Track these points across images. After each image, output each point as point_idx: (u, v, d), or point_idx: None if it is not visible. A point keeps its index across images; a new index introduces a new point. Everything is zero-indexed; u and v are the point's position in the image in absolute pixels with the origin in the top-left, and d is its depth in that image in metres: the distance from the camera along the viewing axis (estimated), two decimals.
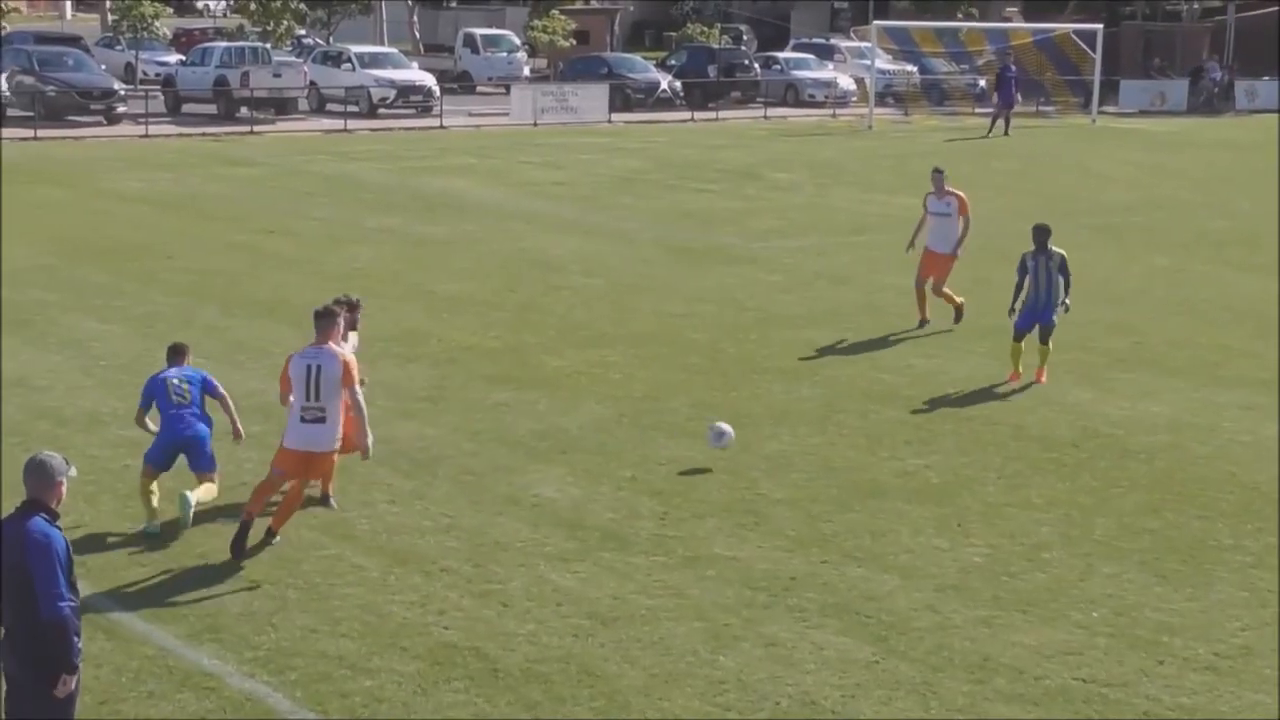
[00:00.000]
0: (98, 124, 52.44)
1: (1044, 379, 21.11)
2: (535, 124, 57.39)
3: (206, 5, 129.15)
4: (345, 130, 54.05)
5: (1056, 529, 15.67)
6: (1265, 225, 35.39)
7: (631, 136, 54.39)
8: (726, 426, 17.74)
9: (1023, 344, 21.16)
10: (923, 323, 24.40)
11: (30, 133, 48.36)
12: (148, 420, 15.58)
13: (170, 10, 73.15)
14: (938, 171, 24.90)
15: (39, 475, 9.56)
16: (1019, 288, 21.38)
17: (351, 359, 14.73)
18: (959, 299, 24.54)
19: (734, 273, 28.79)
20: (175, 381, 15.41)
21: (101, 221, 32.83)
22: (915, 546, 15.09)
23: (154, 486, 15.10)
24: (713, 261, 29.84)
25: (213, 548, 14.57)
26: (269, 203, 36.27)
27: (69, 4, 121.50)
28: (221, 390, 15.71)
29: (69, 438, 17.65)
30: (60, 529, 9.50)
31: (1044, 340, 21.12)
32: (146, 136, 50.14)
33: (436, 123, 56.92)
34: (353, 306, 16.36)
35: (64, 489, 9.62)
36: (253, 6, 69.43)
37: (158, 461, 15.25)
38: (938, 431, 18.95)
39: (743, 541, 15.12)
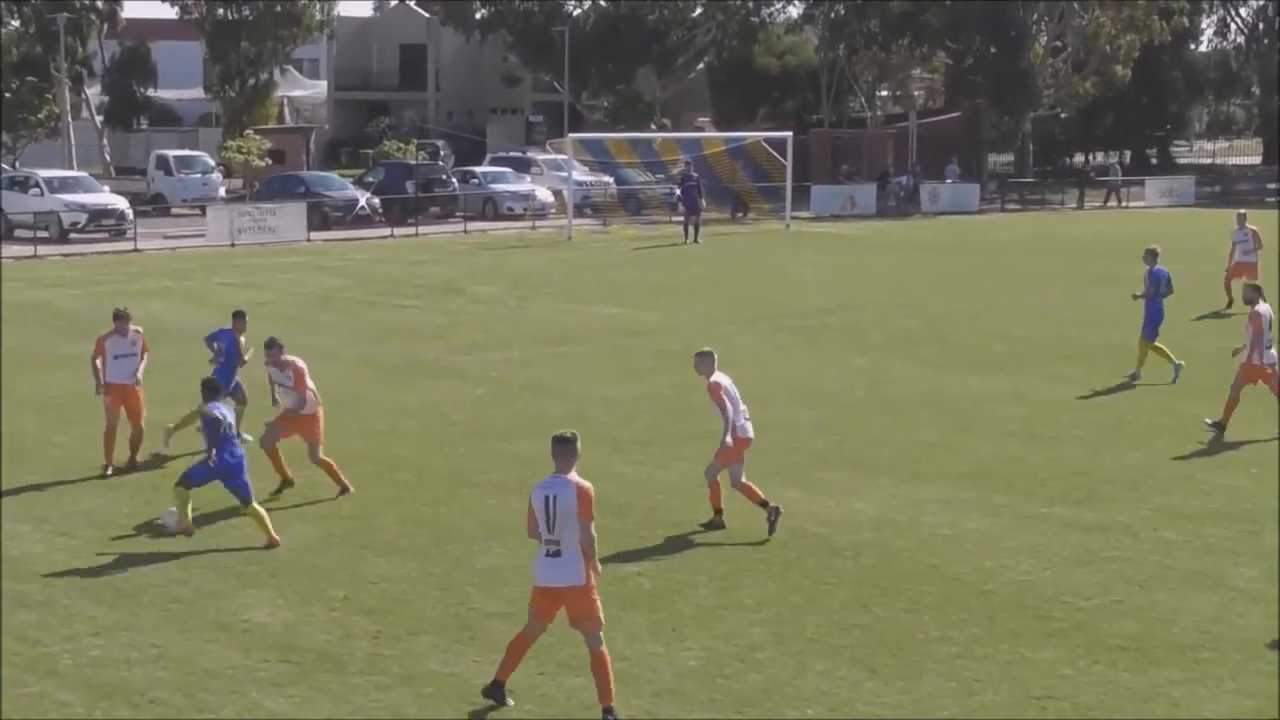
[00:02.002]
0: None
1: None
2: (233, 245, 56.80)
3: None
4: (35, 256, 52.89)
5: (769, 629, 15.85)
6: (955, 324, 36.43)
7: (331, 254, 54.11)
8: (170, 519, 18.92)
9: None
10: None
11: None
12: None
13: None
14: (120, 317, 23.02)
15: None
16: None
17: (590, 490, 13.60)
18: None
19: (439, 387, 28.74)
20: None
21: None
22: (631, 653, 15.12)
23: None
24: (417, 376, 29.75)
25: None
26: None
27: None
28: None
29: None
30: None
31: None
32: None
33: (131, 246, 56.05)
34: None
35: None
36: None
37: None
38: (649, 538, 19.06)
39: (459, 657, 15.03)
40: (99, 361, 22.50)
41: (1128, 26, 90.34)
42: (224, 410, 19.13)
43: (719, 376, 19.49)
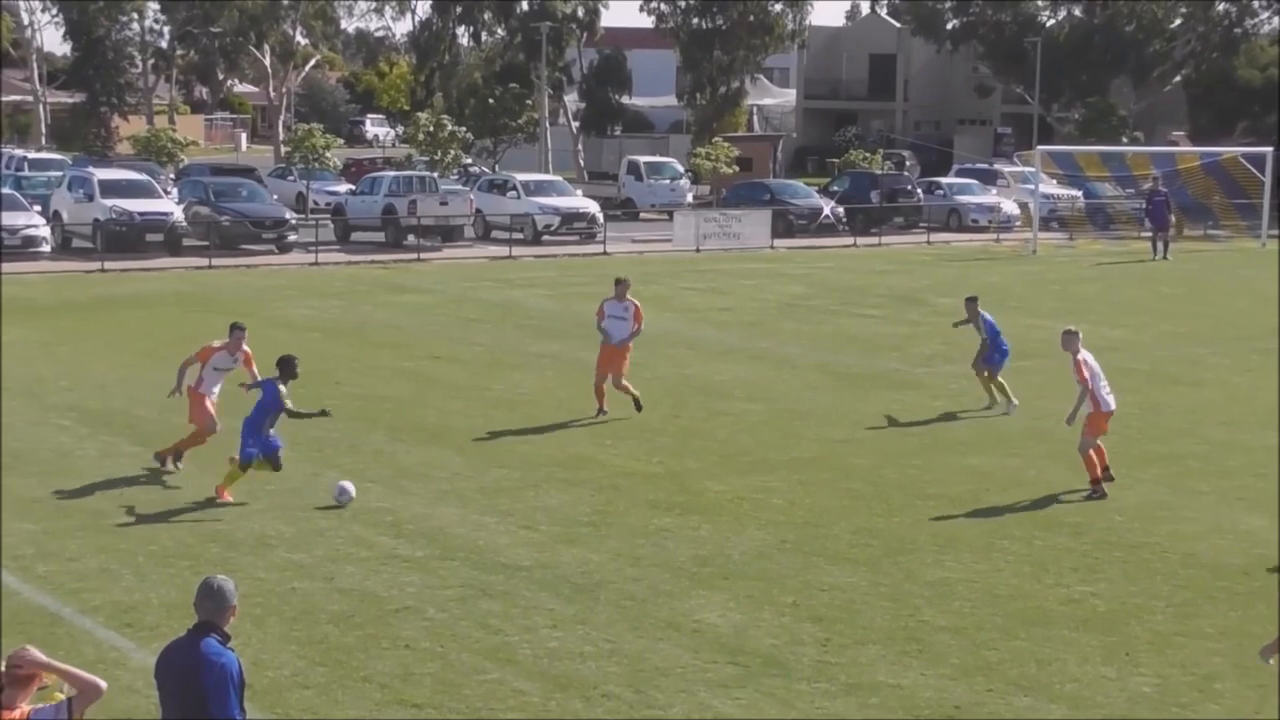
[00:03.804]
0: (269, 252, 53.44)
1: None
2: (698, 250, 57.67)
3: (375, 136, 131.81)
4: (510, 257, 54.63)
5: (1229, 658, 15.37)
6: None
7: (794, 262, 54.49)
8: (348, 486, 20.47)
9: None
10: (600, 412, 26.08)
11: (205, 261, 49.42)
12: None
13: (340, 142, 74.60)
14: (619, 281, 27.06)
15: (214, 599, 9.70)
16: None
17: None
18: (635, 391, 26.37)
19: (897, 398, 28.68)
20: None
21: (271, 348, 33.27)
22: (1082, 676, 14.86)
23: None
24: (876, 386, 29.75)
25: (376, 670, 14.68)
26: (435, 329, 36.73)
27: (244, 136, 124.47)
28: None
29: (237, 560, 17.92)
30: (233, 650, 9.64)
31: None
32: (316, 265, 50.99)
33: (600, 249, 57.38)
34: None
35: (236, 612, 9.77)
36: (420, 137, 70.61)
37: None
38: (1105, 559, 18.70)
39: (906, 669, 14.98)
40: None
41: None
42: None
43: (1085, 354, 21.53)
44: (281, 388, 20.77)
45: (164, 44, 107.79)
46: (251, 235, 54.15)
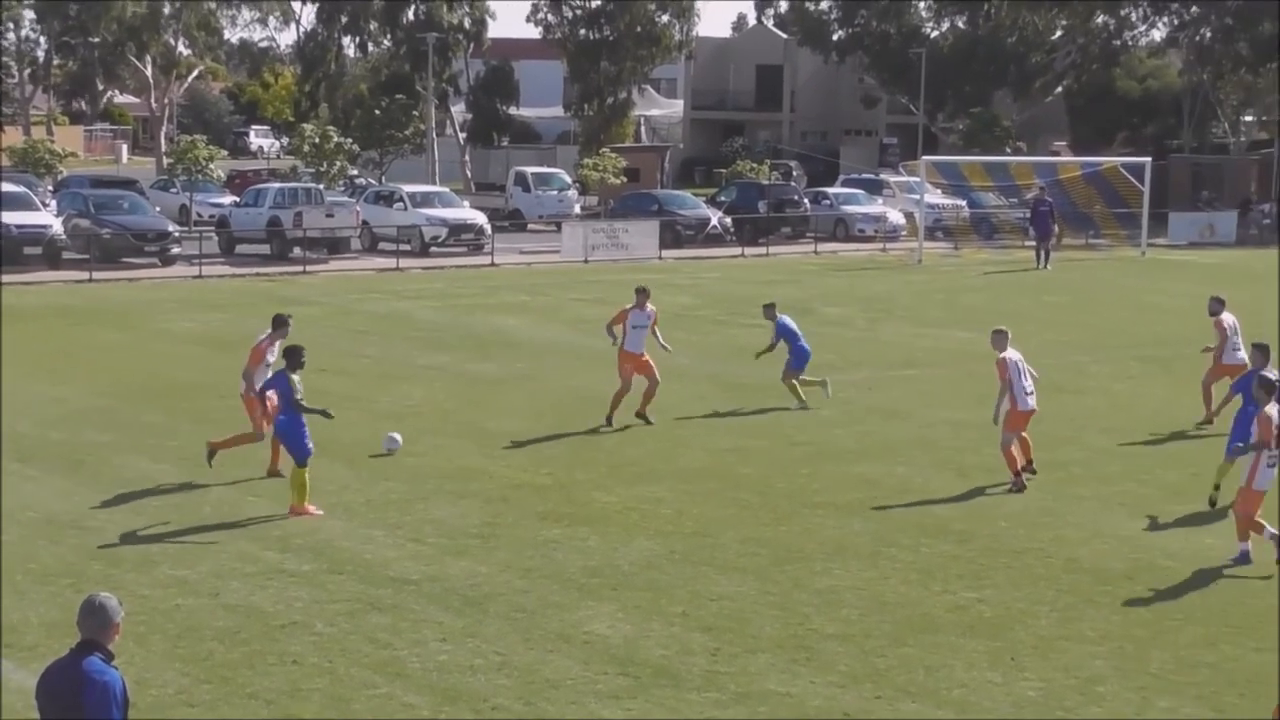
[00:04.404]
0: (152, 265, 52.93)
1: None
2: (586, 261, 57.70)
3: (260, 148, 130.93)
4: (398, 269, 54.41)
5: (1111, 662, 15.55)
6: None
7: (682, 273, 54.58)
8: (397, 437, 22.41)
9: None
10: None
11: (86, 275, 48.88)
12: None
13: (224, 153, 74.06)
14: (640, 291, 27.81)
15: (96, 616, 9.59)
16: None
17: None
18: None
19: (786, 408, 28.76)
20: None
21: (156, 362, 33.10)
22: (969, 681, 14.98)
23: None
24: (764, 396, 29.85)
25: (263, 686, 14.57)
26: (322, 342, 36.43)
27: (125, 148, 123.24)
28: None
29: (120, 577, 17.72)
30: (117, 669, 9.54)
31: None
32: (200, 277, 50.58)
33: (488, 260, 57.29)
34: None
35: (119, 630, 9.66)
36: (306, 148, 70.21)
37: None
38: (990, 565, 18.86)
39: (795, 677, 15.04)
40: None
41: None
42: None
43: (1010, 353, 22.64)
44: (293, 377, 20.91)
45: (41, 54, 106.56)
46: (133, 248, 53.62)
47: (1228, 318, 27.99)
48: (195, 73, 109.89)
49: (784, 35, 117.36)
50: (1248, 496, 18.90)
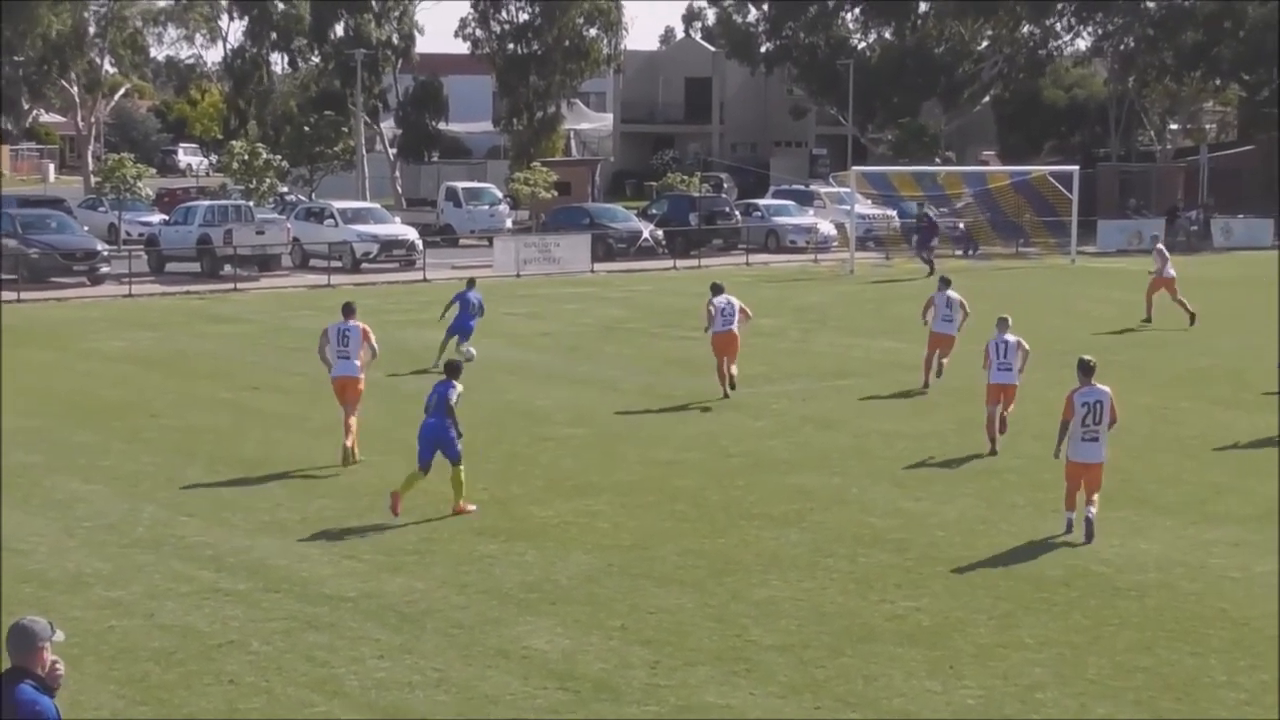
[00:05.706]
0: (81, 285, 52.56)
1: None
2: (518, 275, 57.62)
3: (189, 165, 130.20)
4: (329, 285, 54.16)
5: (1050, 669, 15.60)
6: (1248, 361, 35.48)
7: (614, 285, 54.60)
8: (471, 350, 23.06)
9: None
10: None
11: (14, 295, 48.48)
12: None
13: (153, 171, 73.57)
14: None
15: (22, 641, 9.42)
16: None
17: None
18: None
19: (720, 419, 28.81)
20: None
21: (86, 382, 32.85)
22: (908, 690, 15.00)
23: None
24: (699, 408, 29.85)
25: (199, 707, 14.45)
26: (254, 359, 36.33)
27: (52, 167, 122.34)
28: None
29: (52, 600, 17.56)
30: (51, 696, 9.37)
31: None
32: (130, 296, 50.26)
33: (420, 276, 57.13)
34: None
35: (47, 654, 9.46)
36: (235, 165, 69.80)
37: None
38: (927, 574, 18.90)
39: (735, 689, 15.03)
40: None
41: None
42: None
43: (997, 338, 26.02)
44: (458, 386, 22.50)
45: None
46: (62, 267, 53.25)
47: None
48: (122, 91, 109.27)
49: (712, 48, 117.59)
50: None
